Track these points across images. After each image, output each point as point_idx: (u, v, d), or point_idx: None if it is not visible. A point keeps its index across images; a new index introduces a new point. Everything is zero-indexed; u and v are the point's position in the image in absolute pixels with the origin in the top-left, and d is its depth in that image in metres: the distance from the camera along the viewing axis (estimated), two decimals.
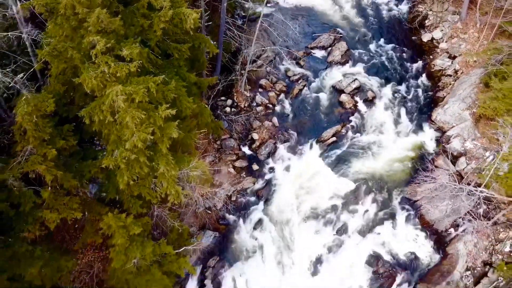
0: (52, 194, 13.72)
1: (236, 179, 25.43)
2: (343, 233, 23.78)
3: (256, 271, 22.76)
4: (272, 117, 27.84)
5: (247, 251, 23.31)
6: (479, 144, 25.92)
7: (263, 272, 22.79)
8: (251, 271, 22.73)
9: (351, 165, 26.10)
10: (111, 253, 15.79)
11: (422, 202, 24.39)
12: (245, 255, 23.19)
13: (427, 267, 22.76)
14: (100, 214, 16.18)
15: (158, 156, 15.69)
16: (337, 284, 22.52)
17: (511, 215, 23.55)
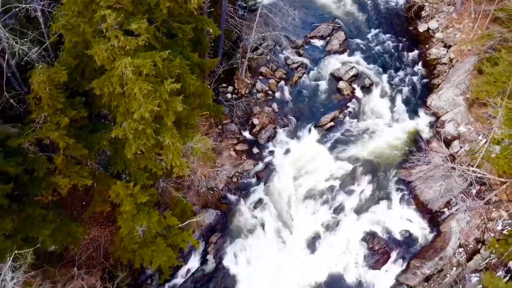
0: (64, 161, 14.66)
1: (237, 161, 26.35)
2: (340, 212, 24.69)
3: (257, 248, 23.67)
4: (272, 103, 28.78)
5: (247, 229, 24.24)
6: (472, 128, 26.80)
7: (263, 248, 23.70)
8: (251, 247, 23.64)
9: (348, 148, 27.01)
10: (119, 220, 16.72)
11: (416, 183, 25.28)
12: (246, 232, 24.12)
13: (421, 244, 23.64)
14: (108, 185, 17.10)
15: (163, 129, 16.62)
16: (334, 260, 23.42)
17: (503, 195, 24.45)
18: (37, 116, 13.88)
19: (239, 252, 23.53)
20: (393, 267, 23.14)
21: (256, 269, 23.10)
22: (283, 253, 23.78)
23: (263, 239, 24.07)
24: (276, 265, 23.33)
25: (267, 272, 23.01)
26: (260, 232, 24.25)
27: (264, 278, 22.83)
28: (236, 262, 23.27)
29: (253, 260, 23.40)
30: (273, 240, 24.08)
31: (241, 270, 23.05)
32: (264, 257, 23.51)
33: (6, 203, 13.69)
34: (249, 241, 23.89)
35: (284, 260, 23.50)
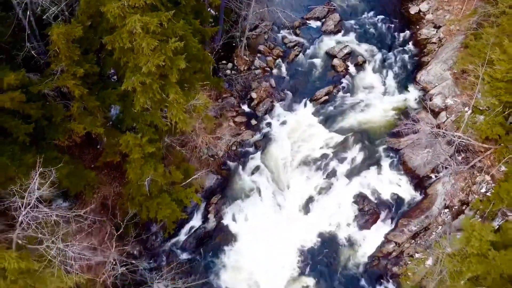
0: (80, 109, 16.31)
1: (236, 132, 28.02)
2: (332, 177, 26.30)
3: (254, 209, 25.37)
4: (270, 78, 30.43)
5: (246, 192, 25.90)
6: (458, 101, 28.34)
7: (260, 209, 25.40)
8: (249, 208, 25.32)
9: (341, 120, 28.62)
10: (128, 169, 18.39)
11: (405, 151, 26.83)
12: (244, 195, 25.78)
13: (409, 205, 25.23)
14: (117, 139, 18.74)
15: (168, 86, 18.27)
16: (326, 220, 25.05)
17: (487, 161, 25.98)
18: (55, 67, 15.52)
19: (238, 213, 25.20)
20: (382, 226, 24.75)
21: (253, 228, 24.75)
22: (279, 214, 25.46)
23: (260, 201, 25.75)
24: (272, 224, 25.00)
25: (264, 230, 24.64)
26: (257, 195, 25.92)
27: (261, 236, 24.46)
28: (235, 221, 24.95)
29: (251, 220, 25.07)
30: (269, 203, 25.75)
31: (240, 228, 24.72)
32: (261, 217, 25.18)
33: (28, 140, 15.37)
34: (247, 203, 25.57)
35: (280, 220, 25.18)
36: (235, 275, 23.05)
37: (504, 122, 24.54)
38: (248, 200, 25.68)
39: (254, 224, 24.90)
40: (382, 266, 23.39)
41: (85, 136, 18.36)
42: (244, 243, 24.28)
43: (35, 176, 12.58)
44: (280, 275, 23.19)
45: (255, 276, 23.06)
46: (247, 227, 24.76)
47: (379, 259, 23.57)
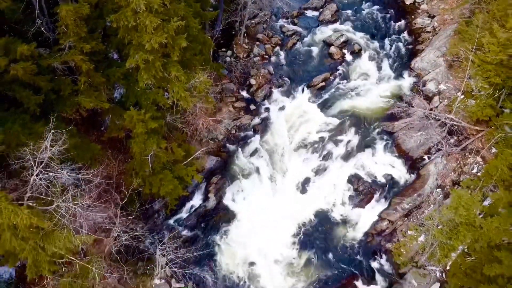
0: (87, 84, 17.20)
1: (236, 116, 28.90)
2: (328, 159, 27.17)
3: (253, 189, 26.26)
4: (268, 66, 31.32)
5: (245, 173, 26.78)
6: (451, 86, 29.20)
7: (258, 190, 26.28)
8: (248, 188, 26.20)
9: (338, 105, 29.51)
10: (132, 144, 19.25)
11: (399, 134, 27.68)
12: (243, 176, 26.65)
13: (402, 185, 26.06)
14: (122, 116, 19.63)
15: (170, 65, 19.17)
16: (323, 200, 25.90)
17: (479, 143, 26.84)
18: (64, 42, 16.39)
19: (237, 192, 26.08)
20: (376, 205, 25.60)
21: (252, 207, 25.63)
22: (277, 194, 26.32)
23: (258, 182, 26.62)
24: (270, 204, 25.85)
25: (262, 209, 25.50)
26: (256, 176, 26.79)
27: (260, 215, 25.30)
28: (234, 200, 25.83)
29: (250, 199, 25.95)
30: (267, 183, 26.61)
31: (239, 207, 25.60)
32: (259, 197, 26.04)
33: (38, 111, 16.25)
34: (246, 183, 26.44)
35: (277, 199, 26.03)
36: (234, 250, 23.90)
37: (494, 104, 25.42)
38: (247, 181, 26.55)
39: (253, 203, 25.77)
40: (376, 243, 24.22)
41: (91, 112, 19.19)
42: (243, 221, 25.13)
43: (48, 135, 13.48)
44: (277, 250, 24.00)
45: (253, 251, 23.87)
46: (246, 206, 25.63)
47: (373, 236, 24.42)
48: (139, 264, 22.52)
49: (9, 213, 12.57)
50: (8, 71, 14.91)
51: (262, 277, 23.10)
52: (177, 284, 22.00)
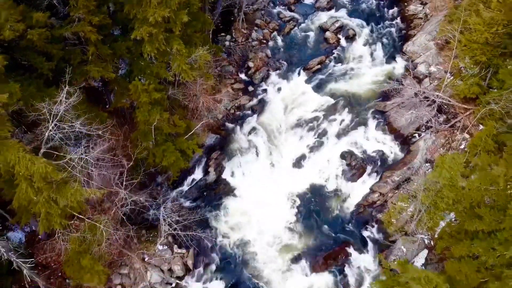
0: (95, 54, 18.41)
1: (235, 97, 30.12)
2: (323, 137, 28.40)
3: (251, 164, 27.49)
4: (266, 49, 32.54)
5: (243, 150, 28.01)
6: (441, 68, 30.38)
7: (256, 165, 27.53)
8: (246, 164, 27.45)
9: (332, 86, 30.73)
10: (137, 113, 20.47)
11: (390, 113, 28.89)
12: (242, 152, 27.89)
13: (393, 160, 27.29)
14: (127, 88, 20.84)
15: (172, 40, 20.40)
16: (317, 174, 27.15)
17: (467, 121, 28.04)
18: (74, 14, 17.57)
19: (236, 167, 27.30)
20: (368, 179, 26.82)
21: (250, 181, 26.90)
22: (274, 169, 27.56)
23: (256, 158, 27.87)
24: (267, 178, 27.10)
25: (260, 183, 26.75)
26: (254, 153, 28.03)
27: (257, 188, 26.54)
28: (233, 175, 27.07)
29: (248, 174, 27.19)
30: (265, 159, 27.85)
31: (237, 181, 26.87)
32: (257, 172, 27.30)
33: (51, 75, 17.48)
34: (244, 159, 27.69)
35: (274, 174, 27.29)
36: (233, 219, 25.17)
37: (481, 83, 26.62)
38: (246, 157, 27.80)
39: (251, 177, 27.02)
40: (367, 213, 25.45)
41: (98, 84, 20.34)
42: (242, 194, 26.39)
43: (63, 89, 14.66)
44: (274, 220, 25.22)
45: (251, 221, 25.14)
46: (245, 180, 26.88)
47: (364, 207, 25.65)
48: (143, 232, 23.75)
49: (26, 161, 13.76)
50: (24, 36, 16.13)
51: (259, 245, 24.33)
52: (179, 250, 23.23)
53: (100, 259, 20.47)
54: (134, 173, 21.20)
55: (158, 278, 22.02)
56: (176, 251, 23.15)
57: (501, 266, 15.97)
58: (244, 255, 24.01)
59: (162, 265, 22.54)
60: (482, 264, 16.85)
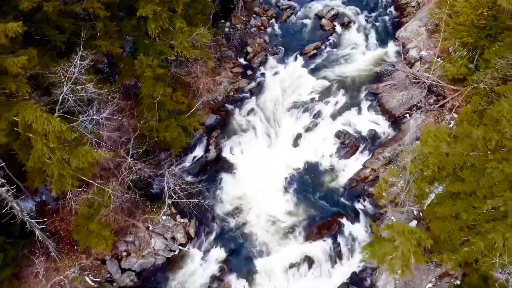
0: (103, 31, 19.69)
1: (234, 80, 31.44)
2: (318, 117, 29.69)
3: (249, 143, 28.78)
4: (264, 36, 33.88)
5: (242, 129, 29.30)
6: (432, 52, 31.69)
7: (254, 144, 28.83)
8: (245, 142, 28.74)
9: (328, 70, 32.05)
10: (142, 87, 21.76)
11: (383, 95, 30.22)
12: (241, 132, 29.18)
13: (384, 139, 28.59)
14: (132, 65, 22.12)
15: (175, 19, 21.71)
16: (313, 152, 28.43)
17: (455, 102, 29.34)
18: None
19: (235, 146, 28.57)
20: (360, 156, 28.12)
21: (249, 159, 28.15)
22: (271, 147, 28.86)
23: (254, 137, 29.16)
24: (265, 156, 28.37)
25: (258, 161, 28.01)
26: (252, 132, 29.32)
27: (255, 165, 27.81)
28: (232, 153, 28.34)
29: (246, 152, 28.47)
30: (263, 138, 29.15)
31: (237, 159, 28.13)
32: (255, 150, 28.58)
33: (63, 47, 18.76)
34: (243, 138, 28.96)
35: (272, 152, 28.56)
36: (232, 193, 26.45)
37: (468, 64, 27.94)
38: (244, 136, 29.09)
39: (249, 155, 28.30)
40: (360, 188, 26.75)
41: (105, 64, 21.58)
42: (241, 170, 27.65)
43: (79, 52, 15.91)
44: (271, 194, 26.50)
45: (250, 194, 26.41)
46: (243, 158, 28.16)
47: (357, 182, 26.94)
48: (147, 203, 24.99)
49: (43, 120, 14.98)
50: (41, 8, 17.37)
51: (256, 216, 25.59)
52: (181, 220, 24.52)
53: (107, 227, 21.77)
54: (140, 145, 22.44)
55: (161, 245, 23.30)
56: (178, 221, 24.43)
57: (481, 223, 17.27)
58: (242, 225, 25.29)
59: (165, 233, 23.83)
60: (464, 223, 18.18)
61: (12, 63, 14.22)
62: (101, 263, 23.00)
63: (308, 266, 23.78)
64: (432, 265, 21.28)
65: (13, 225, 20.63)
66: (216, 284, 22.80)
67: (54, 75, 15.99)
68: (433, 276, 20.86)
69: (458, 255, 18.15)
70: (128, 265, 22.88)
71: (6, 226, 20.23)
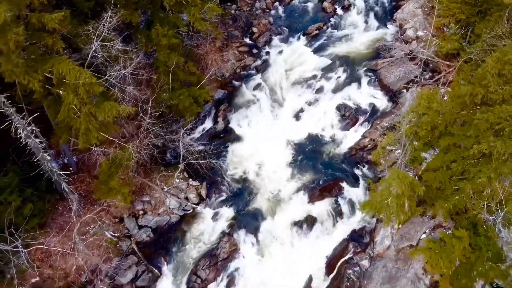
0: (122, 3, 21.53)
1: (240, 58, 33.22)
2: (320, 92, 31.46)
3: (255, 116, 30.54)
4: (269, 17, 35.69)
5: (248, 103, 31.06)
6: (427, 32, 33.42)
7: (260, 117, 30.58)
8: (251, 115, 30.50)
9: (329, 49, 33.80)
10: (158, 55, 23.53)
11: (381, 71, 31.98)
12: (247, 105, 30.94)
13: (382, 111, 30.35)
14: (148, 35, 23.92)
15: None
16: (314, 125, 30.20)
17: (449, 77, 31.09)
18: None
19: (242, 118, 30.37)
20: (360, 128, 29.87)
21: (255, 130, 29.94)
22: (276, 120, 30.65)
23: (260, 110, 30.93)
24: (270, 128, 30.15)
25: (263, 132, 29.81)
26: (258, 106, 31.08)
27: (261, 136, 29.60)
28: (239, 125, 30.13)
29: (252, 124, 30.26)
30: (268, 112, 30.93)
31: (243, 130, 29.90)
32: (261, 122, 30.36)
33: (90, 14, 20.61)
34: (249, 112, 30.73)
35: (276, 125, 30.35)
36: (240, 161, 28.24)
37: (461, 41, 29.71)
38: (250, 109, 30.85)
39: (255, 126, 30.09)
40: (359, 156, 28.49)
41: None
42: (247, 141, 29.41)
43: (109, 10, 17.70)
44: (276, 162, 28.25)
45: (255, 162, 28.18)
46: (250, 129, 29.94)
47: (356, 151, 28.70)
48: (162, 168, 26.79)
49: (76, 72, 16.69)
50: None
51: (262, 181, 27.38)
52: (193, 182, 26.32)
53: (126, 185, 23.56)
54: (157, 107, 24.23)
55: (176, 204, 25.11)
56: (191, 184, 26.23)
57: (469, 170, 19.01)
58: (249, 188, 27.09)
59: (179, 194, 25.64)
60: (454, 173, 19.93)
61: (49, 19, 15.95)
62: (119, 221, 24.85)
63: (310, 225, 25.55)
64: (426, 218, 23.02)
65: (40, 180, 22.53)
66: (226, 239, 24.58)
67: (85, 33, 17.74)
68: (427, 228, 22.62)
69: (449, 203, 19.88)
70: (145, 222, 24.69)
71: (34, 181, 22.06)
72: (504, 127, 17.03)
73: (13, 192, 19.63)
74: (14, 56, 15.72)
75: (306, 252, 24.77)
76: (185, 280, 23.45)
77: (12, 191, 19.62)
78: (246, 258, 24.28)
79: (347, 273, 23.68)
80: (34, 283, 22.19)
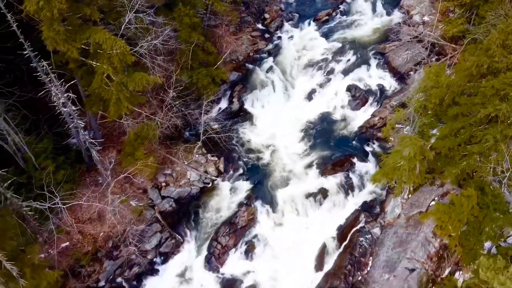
0: None
1: (253, 42, 34.52)
2: (331, 74, 32.75)
3: (268, 97, 31.85)
4: (280, 4, 37.08)
5: (262, 85, 32.32)
6: (433, 17, 34.72)
7: (273, 98, 31.90)
8: (264, 96, 31.80)
9: (339, 33, 35.13)
10: (180, 33, 24.83)
11: (389, 54, 33.26)
12: (260, 86, 32.21)
13: (391, 92, 31.62)
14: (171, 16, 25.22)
15: None
16: (325, 105, 31.50)
17: (455, 59, 32.33)
18: None
19: (256, 99, 31.65)
20: (369, 107, 31.17)
21: (268, 110, 31.25)
22: (288, 101, 31.99)
23: (273, 92, 32.23)
24: (282, 108, 31.49)
25: (276, 112, 31.13)
26: (271, 87, 32.37)
27: (274, 116, 30.91)
28: (253, 105, 31.43)
29: (266, 105, 31.56)
30: (280, 93, 32.25)
31: (257, 111, 31.21)
32: (274, 103, 31.68)
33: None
34: (263, 93, 32.02)
35: (288, 105, 31.69)
36: (254, 139, 29.55)
37: (466, 23, 30.95)
38: (264, 91, 32.12)
39: (269, 107, 31.40)
40: (369, 133, 29.73)
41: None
42: (261, 120, 30.70)
43: None
44: (289, 139, 29.60)
45: (269, 139, 29.51)
46: (263, 109, 31.25)
47: (367, 129, 29.95)
48: (181, 145, 28.09)
49: (111, 41, 17.99)
50: None
51: (277, 156, 28.70)
52: (211, 158, 27.62)
53: (151, 157, 24.90)
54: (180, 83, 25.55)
55: (196, 177, 26.43)
56: (209, 158, 27.55)
57: (476, 135, 20.24)
58: (264, 163, 28.38)
59: (199, 168, 26.95)
60: (462, 140, 21.17)
61: None
62: (143, 192, 26.16)
63: (323, 197, 26.81)
64: (435, 187, 24.26)
65: (70, 151, 23.87)
66: (244, 208, 25.88)
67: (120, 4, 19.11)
68: (436, 195, 23.85)
69: (457, 169, 21.14)
70: (167, 193, 26.00)
71: (64, 151, 23.41)
72: (509, 92, 18.29)
73: (48, 158, 20.96)
74: (56, 24, 17.02)
75: (320, 221, 26.05)
76: (206, 246, 24.77)
77: (47, 157, 20.94)
78: (263, 227, 25.58)
79: (359, 240, 24.94)
80: (64, 247, 23.52)
